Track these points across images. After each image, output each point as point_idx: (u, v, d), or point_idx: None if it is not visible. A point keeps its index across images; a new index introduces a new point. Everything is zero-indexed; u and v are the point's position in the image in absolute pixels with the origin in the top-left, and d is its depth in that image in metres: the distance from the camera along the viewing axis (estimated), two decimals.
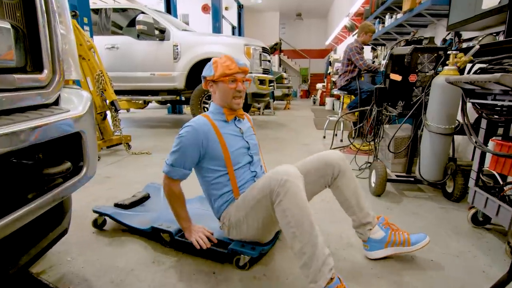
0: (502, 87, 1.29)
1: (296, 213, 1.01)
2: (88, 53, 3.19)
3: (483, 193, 1.56)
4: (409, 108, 2.09)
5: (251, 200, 1.18)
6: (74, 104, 0.98)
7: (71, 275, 1.26)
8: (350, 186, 1.34)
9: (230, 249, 1.27)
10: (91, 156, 0.96)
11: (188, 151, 1.25)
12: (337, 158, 1.34)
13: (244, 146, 1.36)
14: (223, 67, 1.27)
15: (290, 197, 1.02)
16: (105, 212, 1.59)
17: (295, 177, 1.06)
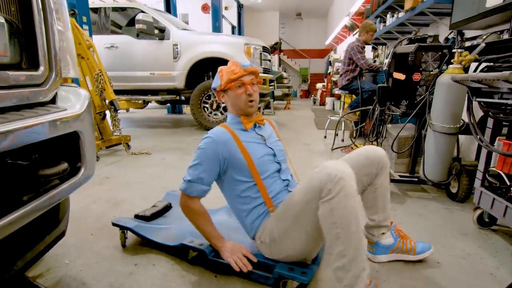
0: (510, 85, 1.26)
1: (346, 215, 0.92)
2: (87, 52, 3.15)
3: (489, 193, 1.53)
4: (413, 107, 2.06)
5: (295, 206, 1.05)
6: (72, 102, 0.95)
7: (68, 278, 1.23)
8: (384, 185, 1.27)
9: (276, 273, 1.10)
10: (89, 156, 0.93)
11: (207, 164, 1.16)
12: (382, 154, 1.24)
13: (269, 153, 1.24)
14: (227, 73, 1.20)
15: (342, 197, 0.92)
16: (126, 225, 1.43)
17: (350, 177, 0.96)
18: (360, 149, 1.28)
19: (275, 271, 1.10)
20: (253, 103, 1.22)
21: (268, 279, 1.13)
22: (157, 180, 2.42)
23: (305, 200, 1.02)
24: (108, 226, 1.65)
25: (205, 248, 1.22)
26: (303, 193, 1.04)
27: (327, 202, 0.94)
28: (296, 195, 1.07)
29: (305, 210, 1.02)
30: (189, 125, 5.56)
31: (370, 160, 1.23)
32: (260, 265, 1.18)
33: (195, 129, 5.02)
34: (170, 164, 2.90)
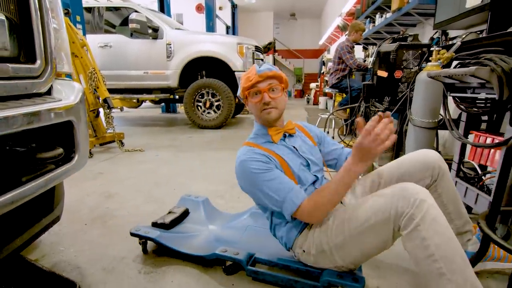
0: (478, 80, 1.36)
1: (443, 244, 0.78)
2: (80, 50, 3.21)
3: (463, 183, 1.63)
4: (395, 103, 2.16)
5: (358, 224, 0.92)
6: (66, 94, 1.02)
7: (63, 263, 1.29)
8: (450, 190, 1.13)
9: (326, 281, 1.02)
10: (82, 144, 1.00)
11: (272, 174, 1.02)
12: (437, 158, 1.11)
13: (303, 164, 1.12)
14: (243, 80, 1.09)
15: (430, 223, 0.79)
16: (148, 236, 1.32)
17: (431, 198, 0.84)
18: (413, 153, 1.17)
19: (324, 279, 1.01)
20: (271, 110, 1.08)
21: (316, 287, 1.05)
22: (149, 175, 2.49)
23: (374, 221, 0.89)
24: (101, 217, 1.72)
25: (242, 258, 1.15)
26: (368, 213, 0.91)
27: (414, 231, 0.81)
28: (358, 212, 0.94)
29: (373, 229, 0.90)
30: (183, 124, 5.62)
31: (422, 165, 1.11)
32: (303, 273, 1.11)
33: (188, 128, 5.08)
34: (163, 160, 2.97)
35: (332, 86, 4.17)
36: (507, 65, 1.23)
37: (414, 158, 1.15)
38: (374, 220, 0.89)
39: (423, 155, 1.14)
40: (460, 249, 0.79)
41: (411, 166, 1.13)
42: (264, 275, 1.13)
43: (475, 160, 1.55)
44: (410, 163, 1.14)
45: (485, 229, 0.90)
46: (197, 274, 1.22)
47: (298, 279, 1.08)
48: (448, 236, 0.80)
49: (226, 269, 1.20)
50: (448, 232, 0.81)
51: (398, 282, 1.17)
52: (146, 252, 1.36)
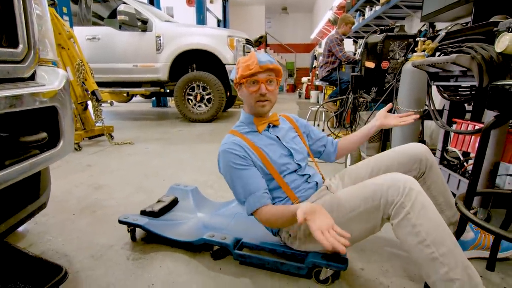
0: (460, 68, 1.39)
1: (433, 229, 0.81)
2: (67, 42, 3.15)
3: (446, 170, 1.67)
4: (382, 94, 2.19)
5: (347, 211, 0.95)
6: (50, 80, 1.01)
7: (51, 251, 1.29)
8: (438, 182, 1.16)
9: (310, 262, 1.05)
10: (67, 130, 1.00)
11: (245, 172, 1.05)
12: (424, 151, 1.14)
13: (284, 153, 1.14)
14: (242, 68, 1.08)
15: (420, 210, 0.82)
16: (135, 222, 1.33)
17: (419, 186, 0.86)
18: (400, 147, 1.20)
19: (309, 260, 1.05)
20: (265, 103, 1.10)
21: (301, 269, 1.08)
22: (139, 167, 2.48)
23: (364, 208, 0.91)
24: (89, 207, 1.72)
25: (229, 242, 1.17)
26: (357, 201, 0.93)
27: (405, 219, 0.83)
28: (347, 200, 0.96)
29: (361, 216, 0.93)
30: (173, 118, 5.59)
31: (409, 158, 1.13)
32: (288, 256, 1.15)
33: (179, 121, 5.06)
34: (153, 153, 2.96)
35: (322, 79, 4.20)
36: (486, 53, 1.27)
37: (401, 150, 1.17)
38: (363, 207, 0.92)
39: (411, 147, 1.16)
40: (450, 233, 0.82)
41: (398, 157, 1.15)
42: (251, 259, 1.16)
43: (458, 147, 1.60)
44: (397, 154, 1.16)
45: (462, 209, 0.93)
46: (186, 259, 1.24)
47: (284, 261, 1.11)
48: (437, 221, 0.83)
49: (214, 253, 1.22)
50: (437, 217, 0.83)
51: (383, 266, 1.20)
52: (134, 240, 1.38)
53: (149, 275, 1.13)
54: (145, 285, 1.08)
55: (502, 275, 1.14)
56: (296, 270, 1.09)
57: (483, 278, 1.14)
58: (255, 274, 1.14)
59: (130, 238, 1.38)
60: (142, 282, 1.09)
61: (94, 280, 1.10)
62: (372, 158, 1.23)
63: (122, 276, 1.12)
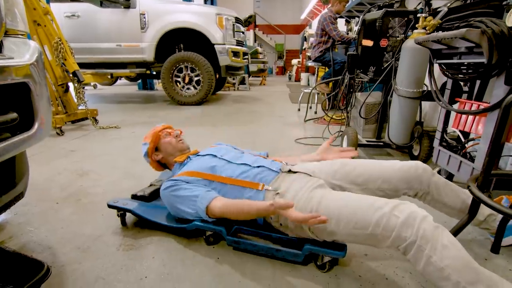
0: (467, 44, 1.32)
1: (463, 268, 0.75)
2: (43, 18, 2.91)
3: (446, 151, 1.63)
4: (380, 73, 2.11)
5: (352, 226, 0.90)
6: (20, 53, 0.88)
7: (33, 244, 1.19)
8: (448, 193, 1.12)
9: (307, 250, 1.01)
10: (42, 110, 0.88)
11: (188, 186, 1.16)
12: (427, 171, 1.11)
13: (210, 158, 1.25)
14: (150, 136, 1.39)
15: (441, 250, 0.76)
16: (125, 207, 1.28)
17: (433, 223, 0.81)
18: (398, 162, 1.15)
19: (306, 247, 1.01)
20: (182, 139, 1.41)
21: (297, 256, 1.03)
22: (126, 152, 2.36)
23: (367, 233, 0.87)
24: (74, 195, 1.61)
25: (222, 228, 1.12)
26: (365, 222, 0.87)
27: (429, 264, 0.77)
28: (353, 216, 0.90)
29: (362, 236, 0.89)
30: (161, 101, 5.40)
31: (409, 176, 1.10)
32: (284, 242, 1.09)
33: (167, 104, 4.89)
34: (140, 137, 2.81)
35: (315, 59, 4.08)
36: (497, 27, 1.20)
37: (403, 168, 1.12)
38: (371, 231, 0.86)
39: (413, 167, 1.12)
40: (480, 268, 0.76)
41: (400, 174, 1.11)
42: (245, 245, 1.10)
43: (460, 127, 1.55)
44: (398, 172, 1.12)
45: (475, 191, 0.88)
46: (181, 249, 1.16)
47: (279, 248, 1.05)
48: (464, 258, 0.76)
49: (207, 239, 1.17)
50: (463, 253, 0.77)
51: (386, 251, 1.16)
52: (125, 225, 1.31)
53: (141, 267, 1.06)
54: (137, 278, 1.00)
55: (508, 258, 1.12)
56: (292, 257, 1.04)
57: (487, 260, 1.11)
58: (255, 264, 1.08)
59: (120, 223, 1.30)
60: (134, 275, 1.01)
61: (81, 274, 1.01)
62: (369, 162, 1.18)
63: (112, 269, 1.04)
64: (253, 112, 4.28)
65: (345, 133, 2.23)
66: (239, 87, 7.88)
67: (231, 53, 4.47)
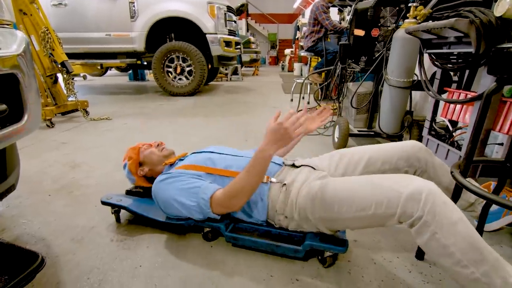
0: (456, 34, 1.33)
1: (468, 247, 0.71)
2: (29, 7, 2.83)
3: (434, 140, 1.67)
4: (371, 63, 2.13)
5: (356, 209, 0.87)
6: (7, 43, 0.87)
7: (26, 236, 1.20)
8: (443, 173, 1.13)
9: (307, 245, 1.00)
10: (31, 102, 0.87)
11: (187, 178, 1.08)
12: (423, 149, 1.13)
13: (207, 152, 1.22)
14: (130, 151, 1.33)
15: (448, 227, 0.73)
16: (120, 204, 1.25)
17: (442, 195, 0.77)
18: (395, 143, 1.18)
19: (306, 243, 1.00)
20: (164, 147, 1.35)
21: (298, 252, 1.01)
22: (118, 144, 2.35)
23: (370, 212, 0.85)
24: (66, 187, 1.61)
25: (221, 224, 1.10)
26: (368, 201, 0.85)
27: (433, 240, 0.74)
28: (355, 197, 0.88)
29: (365, 219, 0.87)
30: (153, 92, 5.34)
31: (408, 154, 1.12)
32: (284, 238, 1.06)
33: (159, 95, 4.84)
34: (132, 129, 2.81)
35: (307, 49, 4.07)
36: (485, 17, 1.21)
37: (400, 147, 1.15)
38: (374, 211, 0.84)
39: (410, 145, 1.14)
40: (488, 247, 0.72)
41: (398, 153, 1.13)
42: (244, 241, 1.08)
43: (448, 116, 1.58)
44: (396, 150, 1.14)
45: (457, 177, 0.91)
46: (174, 239, 1.18)
47: (279, 243, 1.03)
48: (471, 236, 0.72)
49: (205, 235, 1.16)
50: (470, 231, 0.73)
51: (375, 237, 1.19)
52: (119, 222, 1.29)
53: (135, 256, 1.07)
54: (132, 267, 1.02)
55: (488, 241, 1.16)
56: (292, 253, 1.03)
57: None
58: (247, 253, 1.11)
59: (115, 220, 1.29)
60: (129, 264, 1.03)
61: (76, 265, 1.02)
62: (366, 147, 1.20)
63: (107, 259, 1.05)
64: (246, 102, 4.27)
65: (337, 123, 2.25)
66: (232, 77, 7.83)
67: (223, 43, 4.42)
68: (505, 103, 1.29)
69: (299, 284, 0.95)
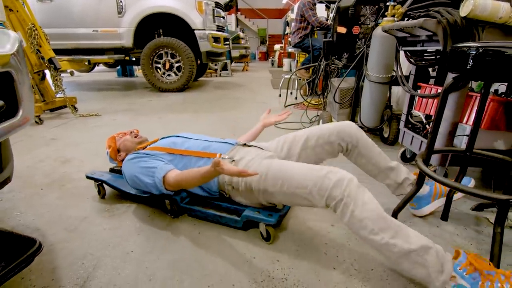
0: (427, 33, 1.43)
1: (377, 218, 0.90)
2: (15, 3, 2.82)
3: (410, 132, 1.78)
4: (353, 60, 2.22)
5: (295, 186, 1.02)
6: (1, 43, 0.91)
7: (21, 226, 1.25)
8: (374, 151, 1.28)
9: (245, 217, 1.15)
10: (25, 98, 0.93)
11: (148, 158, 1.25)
12: (354, 127, 1.29)
13: (174, 136, 1.40)
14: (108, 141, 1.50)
15: (362, 205, 0.91)
16: (100, 178, 1.45)
17: (357, 183, 0.95)
18: (333, 123, 1.34)
19: (243, 214, 1.16)
20: (138, 134, 1.52)
21: (237, 222, 1.18)
22: None
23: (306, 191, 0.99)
24: (57, 181, 1.66)
25: (177, 196, 1.27)
26: (305, 181, 1.00)
27: (352, 217, 0.91)
28: (296, 177, 1.03)
29: (301, 196, 1.01)
30: (141, 88, 5.34)
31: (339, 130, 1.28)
32: (231, 211, 1.23)
33: (148, 91, 4.85)
34: (121, 124, 2.85)
35: (294, 45, 4.15)
36: (451, 17, 1.31)
37: (334, 126, 1.32)
38: (309, 189, 0.99)
39: (343, 124, 1.31)
40: (391, 219, 0.91)
41: (330, 131, 1.30)
42: (195, 212, 1.27)
43: (421, 110, 1.69)
44: (330, 129, 1.31)
45: (421, 165, 1.01)
46: (163, 226, 1.25)
47: (222, 214, 1.21)
48: (378, 211, 0.91)
49: (171, 208, 1.30)
50: (378, 207, 0.92)
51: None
52: (101, 195, 1.48)
53: (127, 243, 1.14)
54: (124, 252, 1.09)
55: (455, 225, 1.28)
56: (233, 223, 1.20)
57: (438, 227, 1.26)
58: (231, 237, 1.19)
59: (97, 193, 1.48)
60: (121, 250, 1.10)
61: (70, 252, 1.09)
62: (308, 129, 1.37)
63: (100, 246, 1.12)
64: (235, 98, 4.33)
65: (321, 117, 2.34)
66: (222, 73, 7.86)
67: (212, 38, 4.46)
68: (471, 97, 1.40)
69: (279, 264, 1.04)
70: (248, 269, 1.01)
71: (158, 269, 1.01)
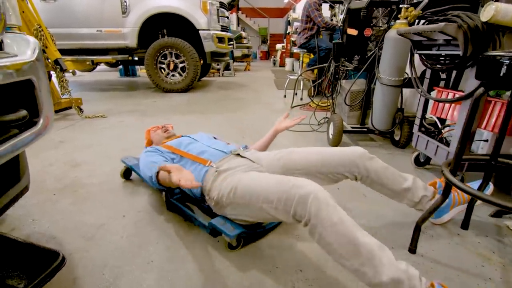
0: (445, 37, 1.41)
1: (346, 243, 0.82)
2: (21, 4, 2.79)
3: (424, 136, 1.76)
4: (364, 62, 2.20)
5: (261, 200, 0.98)
6: (21, 49, 0.90)
7: (37, 234, 1.23)
8: (387, 176, 1.20)
9: (210, 224, 1.13)
10: (46, 105, 0.91)
11: (151, 155, 1.33)
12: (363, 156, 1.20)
13: (186, 137, 1.48)
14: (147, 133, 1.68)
15: (330, 227, 0.83)
16: (129, 164, 1.68)
17: (327, 199, 0.87)
18: (339, 148, 1.25)
19: (210, 222, 1.14)
20: (168, 130, 1.65)
21: (205, 228, 1.16)
22: (116, 141, 2.37)
23: (272, 206, 0.95)
24: (69, 186, 1.64)
25: (168, 192, 1.37)
26: (272, 196, 0.95)
27: (321, 239, 0.85)
28: (265, 189, 0.98)
29: (267, 211, 0.98)
30: (145, 88, 5.32)
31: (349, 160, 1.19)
32: (212, 213, 1.22)
33: (152, 91, 4.83)
34: (129, 126, 2.82)
35: (300, 46, 4.12)
36: (472, 22, 1.29)
37: (343, 152, 1.22)
38: (275, 205, 0.94)
39: (351, 151, 1.21)
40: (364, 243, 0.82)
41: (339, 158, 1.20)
42: (177, 209, 1.33)
43: (437, 114, 1.67)
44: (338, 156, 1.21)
45: (447, 175, 0.99)
46: (181, 235, 1.23)
47: (197, 217, 1.24)
48: (348, 235, 0.83)
49: (166, 198, 1.38)
50: (348, 231, 0.83)
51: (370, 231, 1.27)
52: (127, 178, 1.72)
53: (147, 252, 1.12)
54: (144, 262, 1.07)
55: (476, 233, 1.26)
56: (204, 228, 1.19)
57: (459, 235, 1.25)
58: (252, 246, 1.17)
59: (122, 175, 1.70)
60: (141, 260, 1.08)
61: (90, 261, 1.07)
62: (312, 150, 1.27)
63: (119, 256, 1.10)
64: (239, 99, 4.30)
65: (331, 120, 2.32)
66: (224, 73, 7.83)
67: (216, 39, 4.43)
68: (490, 103, 1.38)
69: (303, 275, 1.02)
70: (274, 278, 1.00)
71: (180, 279, 0.99)
